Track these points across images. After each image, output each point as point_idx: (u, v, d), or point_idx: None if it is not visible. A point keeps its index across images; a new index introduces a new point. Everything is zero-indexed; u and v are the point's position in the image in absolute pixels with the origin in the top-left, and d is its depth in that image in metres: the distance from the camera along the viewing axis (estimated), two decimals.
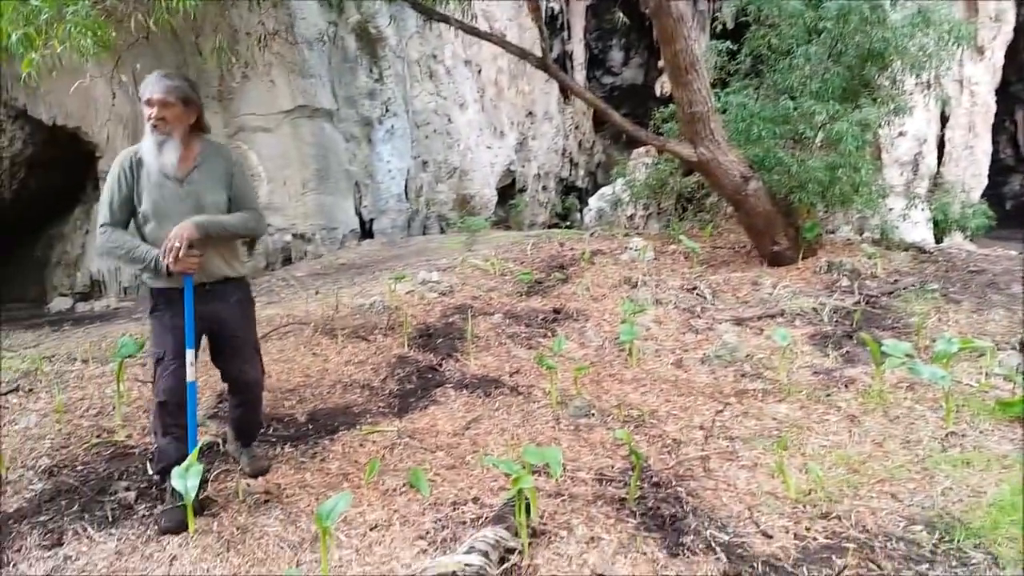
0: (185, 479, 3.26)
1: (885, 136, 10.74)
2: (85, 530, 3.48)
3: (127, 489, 3.84)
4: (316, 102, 12.45)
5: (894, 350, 4.73)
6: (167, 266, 3.39)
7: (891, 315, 6.50)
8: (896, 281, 7.40)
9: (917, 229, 10.90)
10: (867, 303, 6.74)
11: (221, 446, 4.31)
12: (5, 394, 5.34)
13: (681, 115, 7.82)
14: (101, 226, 3.54)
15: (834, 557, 3.06)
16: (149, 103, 3.48)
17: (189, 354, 3.58)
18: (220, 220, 3.57)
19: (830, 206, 8.69)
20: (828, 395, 4.90)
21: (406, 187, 13.79)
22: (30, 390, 5.44)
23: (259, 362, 3.98)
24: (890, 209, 9.59)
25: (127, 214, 3.57)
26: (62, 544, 3.38)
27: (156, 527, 3.46)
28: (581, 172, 19.06)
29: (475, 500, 3.65)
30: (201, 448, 3.72)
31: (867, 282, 7.41)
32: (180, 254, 3.36)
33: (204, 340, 3.78)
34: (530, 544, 3.12)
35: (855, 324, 6.26)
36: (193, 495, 3.27)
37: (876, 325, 6.27)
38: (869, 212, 9.22)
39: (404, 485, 3.80)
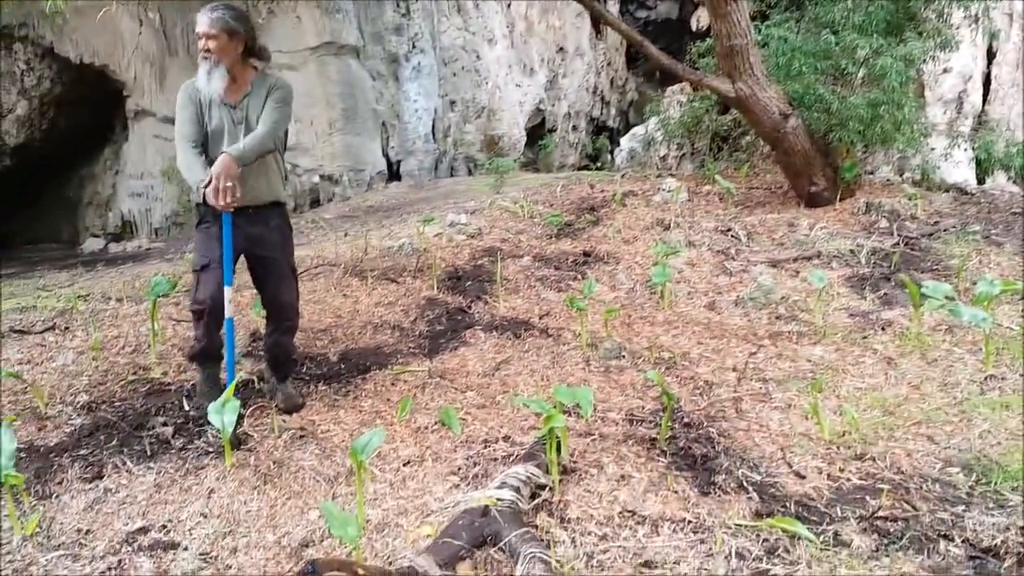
0: (222, 414, 3.28)
1: (929, 72, 10.37)
2: (124, 463, 3.55)
3: (164, 424, 3.91)
4: (342, 38, 12.27)
5: (934, 292, 4.62)
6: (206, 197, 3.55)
7: (930, 257, 6.36)
8: (936, 223, 7.24)
9: (959, 169, 10.58)
10: (906, 245, 6.60)
11: (256, 383, 4.37)
12: (42, 332, 5.43)
13: (719, 48, 7.60)
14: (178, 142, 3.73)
15: (868, 498, 3.03)
16: (198, 36, 3.65)
17: (228, 291, 3.72)
18: (248, 145, 3.65)
19: (870, 145, 8.45)
20: (864, 337, 4.83)
21: (433, 127, 13.64)
22: (66, 328, 5.53)
23: (295, 287, 4.12)
24: (932, 149, 9.32)
25: (198, 131, 3.73)
26: (102, 477, 3.45)
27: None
28: (612, 111, 18.73)
29: (505, 438, 3.66)
30: (236, 384, 3.76)
31: (906, 223, 7.25)
32: (228, 195, 3.50)
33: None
34: (561, 481, 3.13)
35: (893, 266, 6.15)
36: (230, 430, 3.30)
37: (915, 267, 6.14)
38: (910, 152, 8.96)
39: (435, 423, 3.82)
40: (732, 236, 7.19)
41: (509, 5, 14.94)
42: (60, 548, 2.91)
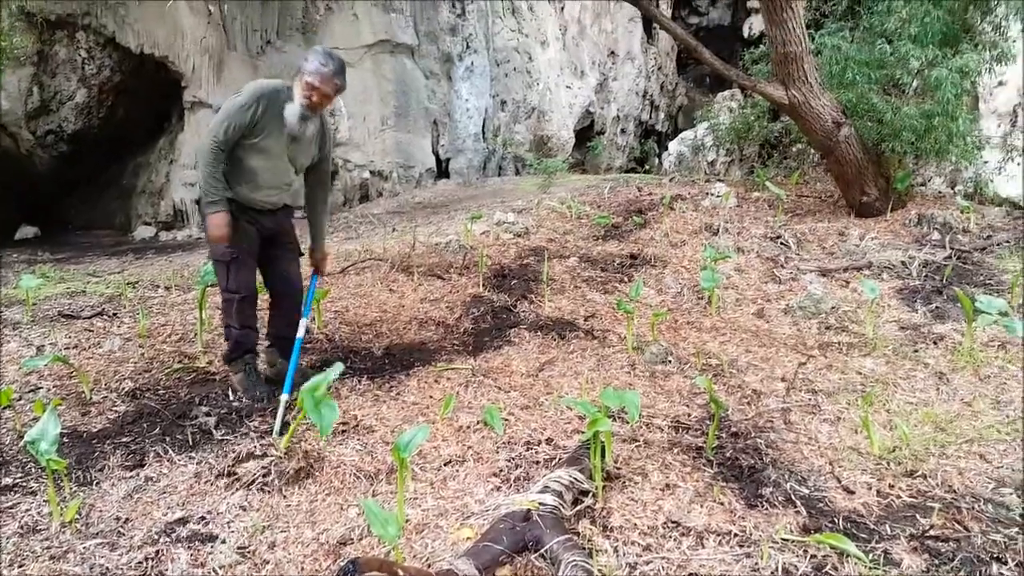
0: (320, 411, 3.10)
1: (984, 85, 10.13)
2: (166, 452, 3.56)
3: (207, 415, 3.93)
4: (398, 37, 12.36)
5: (988, 307, 4.50)
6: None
7: (983, 271, 6.21)
8: (989, 237, 7.07)
9: (1013, 184, 10.31)
10: (958, 258, 6.45)
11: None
12: (90, 317, 5.52)
13: (774, 55, 7.52)
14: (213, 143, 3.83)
15: (918, 516, 2.95)
16: (316, 90, 3.83)
17: (305, 322, 4.19)
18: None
19: (923, 156, 8.27)
20: (915, 351, 4.72)
21: (483, 127, 13.67)
22: (114, 314, 5.62)
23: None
24: (985, 162, 9.10)
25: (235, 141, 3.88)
26: (143, 465, 3.46)
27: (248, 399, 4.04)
28: (661, 115, 18.60)
29: (548, 441, 3.63)
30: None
31: (959, 237, 7.09)
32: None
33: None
34: (604, 488, 3.09)
35: (945, 279, 6.01)
36: (329, 429, 3.15)
37: (967, 281, 6.00)
38: (963, 165, 8.76)
39: (478, 422, 3.80)
40: (781, 243, 7.08)
41: (563, 8, 14.92)
42: (98, 536, 2.92)
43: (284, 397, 3.84)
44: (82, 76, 10.54)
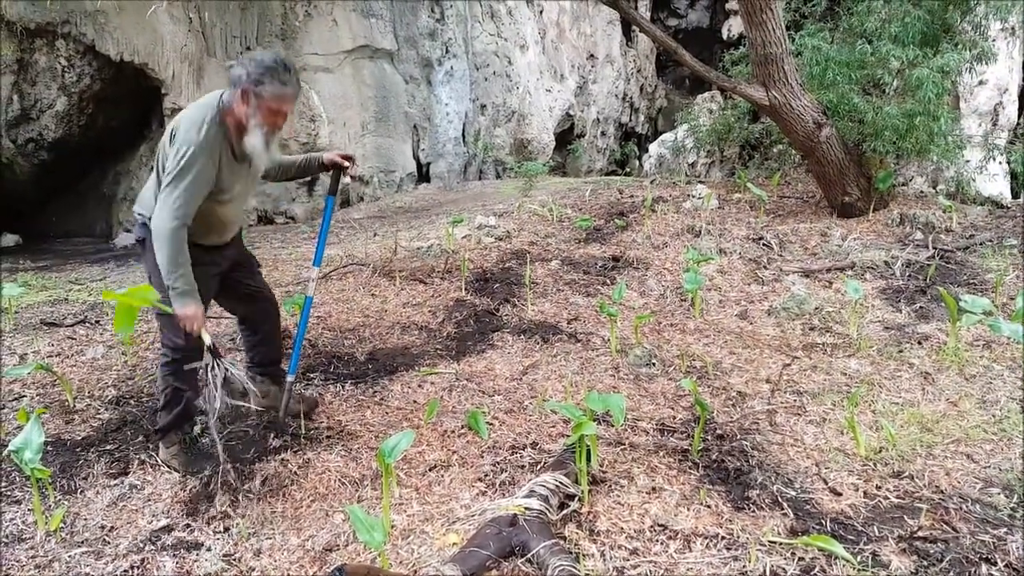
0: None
1: (964, 84, 10.23)
2: (151, 459, 3.54)
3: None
4: (377, 42, 12.32)
5: (972, 306, 4.52)
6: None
7: (966, 271, 6.24)
8: (972, 236, 7.11)
9: (994, 183, 10.40)
10: (941, 258, 6.47)
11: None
12: (72, 325, 5.46)
13: (754, 56, 7.54)
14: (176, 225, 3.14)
15: (906, 517, 2.95)
16: (279, 114, 3.27)
17: (315, 271, 3.83)
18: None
19: (904, 156, 8.33)
20: (900, 351, 4.73)
21: (463, 131, 13.66)
22: (97, 322, 5.55)
23: None
24: (967, 161, 9.17)
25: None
26: (128, 473, 3.44)
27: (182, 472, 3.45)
28: (641, 118, 18.65)
29: (533, 445, 3.61)
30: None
31: (941, 236, 7.13)
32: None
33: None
34: (590, 491, 3.07)
35: (929, 279, 6.03)
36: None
37: (951, 280, 6.03)
38: (945, 164, 8.82)
39: (463, 427, 3.78)
40: (764, 244, 7.10)
41: (541, 12, 14.94)
42: (83, 545, 2.91)
43: (290, 378, 3.78)
44: (62, 84, 10.43)
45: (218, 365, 3.25)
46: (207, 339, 3.20)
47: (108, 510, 3.16)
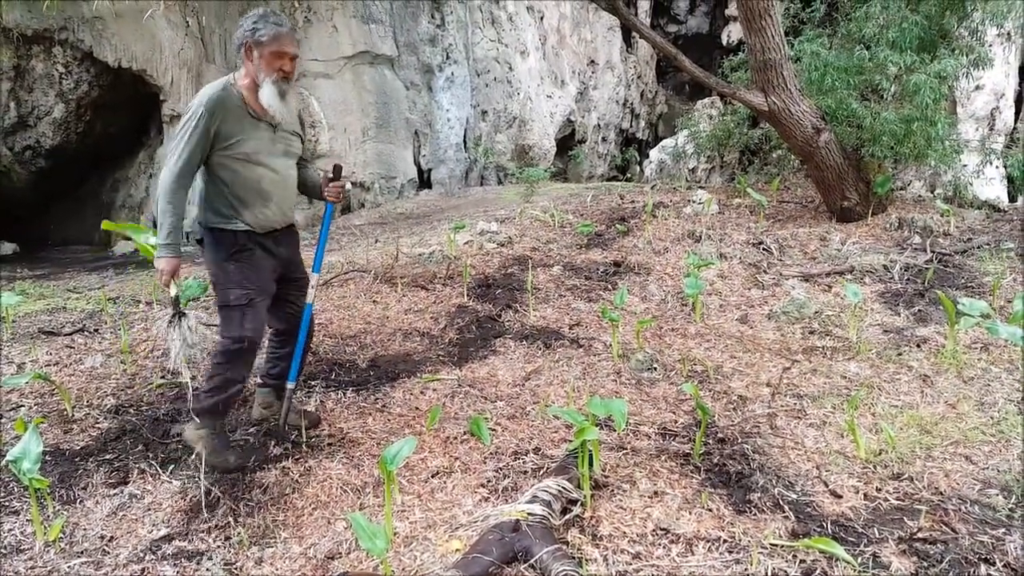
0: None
1: (962, 89, 10.28)
2: (151, 468, 3.54)
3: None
4: (377, 48, 12.36)
5: (971, 309, 4.54)
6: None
7: (964, 274, 6.26)
8: (969, 240, 7.13)
9: (991, 187, 10.44)
10: (939, 261, 6.50)
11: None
12: (71, 334, 5.46)
13: (753, 62, 7.57)
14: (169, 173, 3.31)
15: (906, 519, 2.96)
16: (288, 57, 3.37)
17: (315, 278, 3.82)
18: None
19: (902, 161, 8.35)
20: (899, 354, 4.75)
21: (465, 137, 13.69)
22: (95, 331, 5.55)
23: None
24: (964, 165, 9.20)
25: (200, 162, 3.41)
26: (127, 482, 3.43)
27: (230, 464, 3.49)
28: (642, 124, 18.68)
29: (536, 451, 3.62)
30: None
31: (939, 240, 7.15)
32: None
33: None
34: (593, 496, 3.08)
35: (927, 282, 6.05)
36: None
37: (949, 284, 6.05)
38: (943, 168, 8.85)
39: (465, 433, 3.79)
40: (764, 249, 7.12)
41: (542, 18, 14.97)
42: (83, 555, 2.90)
43: (290, 386, 3.79)
44: (60, 91, 10.47)
45: (182, 316, 3.43)
46: (174, 291, 3.39)
47: (108, 520, 3.15)
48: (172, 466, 3.57)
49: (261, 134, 3.43)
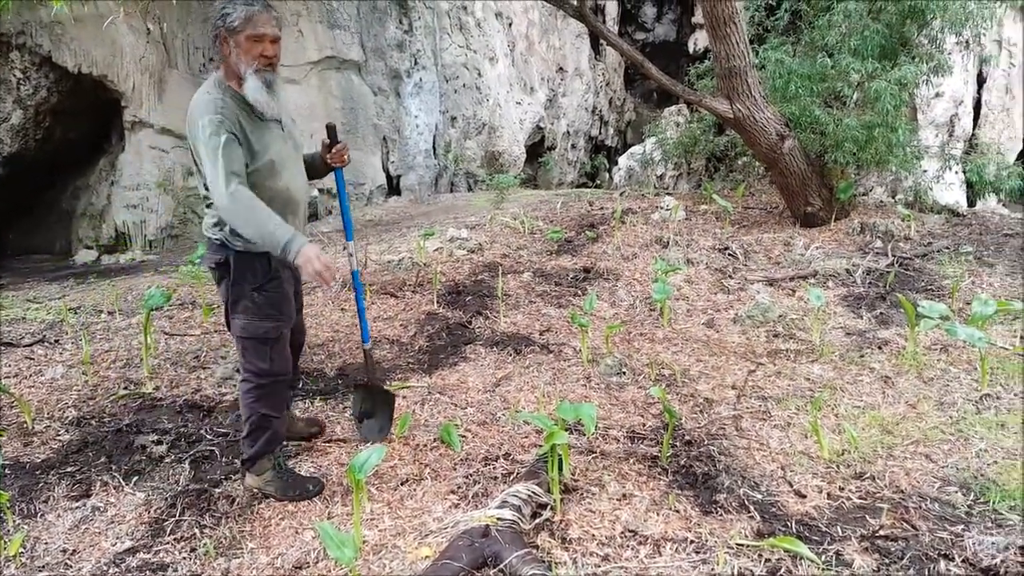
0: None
1: (922, 96, 10.49)
2: (114, 480, 3.50)
3: (157, 442, 3.84)
4: (344, 53, 12.33)
5: (930, 311, 4.64)
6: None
7: (925, 277, 6.39)
8: (930, 243, 7.28)
9: (951, 192, 10.65)
10: (900, 265, 6.62)
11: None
12: (31, 345, 5.37)
13: (718, 69, 7.66)
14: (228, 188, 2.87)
15: (868, 517, 3.02)
16: (265, 38, 3.03)
17: (351, 245, 3.68)
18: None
19: (864, 167, 8.51)
20: (861, 356, 4.84)
21: (434, 143, 13.69)
22: (56, 341, 5.47)
23: None
24: (924, 171, 9.38)
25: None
26: (90, 495, 3.40)
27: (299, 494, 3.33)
28: (611, 131, 18.80)
29: (506, 456, 3.64)
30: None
31: (900, 244, 7.29)
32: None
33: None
34: (562, 500, 3.11)
35: (888, 286, 6.17)
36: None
37: (910, 287, 6.17)
38: (903, 174, 9.02)
39: (435, 440, 3.80)
40: (729, 255, 7.21)
41: (511, 24, 15.02)
42: (44, 569, 2.87)
43: (367, 346, 3.85)
44: (17, 97, 10.28)
45: None
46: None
47: (70, 533, 3.11)
48: (136, 478, 3.54)
49: (275, 135, 3.14)
